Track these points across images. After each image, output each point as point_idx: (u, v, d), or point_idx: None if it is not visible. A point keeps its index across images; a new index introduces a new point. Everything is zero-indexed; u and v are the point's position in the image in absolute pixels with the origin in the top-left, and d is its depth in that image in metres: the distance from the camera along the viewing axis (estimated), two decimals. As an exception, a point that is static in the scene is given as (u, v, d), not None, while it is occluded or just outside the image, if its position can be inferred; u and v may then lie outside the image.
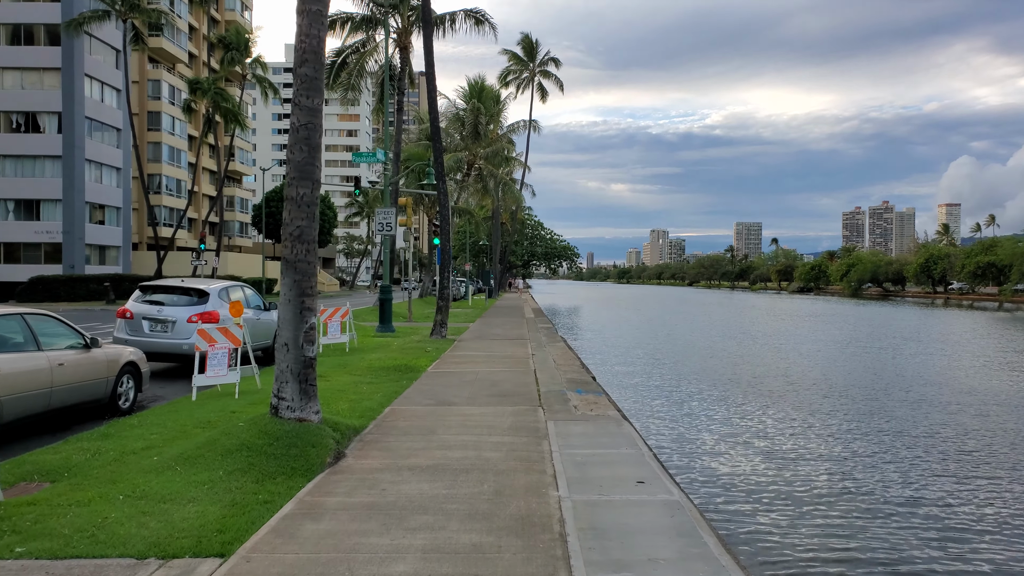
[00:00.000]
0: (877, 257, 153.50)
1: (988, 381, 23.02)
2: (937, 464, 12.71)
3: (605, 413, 10.25)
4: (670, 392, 20.21)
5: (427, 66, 22.36)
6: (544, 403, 10.93)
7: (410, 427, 9.27)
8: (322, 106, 7.84)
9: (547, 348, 19.51)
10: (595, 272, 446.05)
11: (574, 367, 15.65)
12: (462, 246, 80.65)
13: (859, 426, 15.81)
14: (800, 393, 20.02)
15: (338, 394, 11.52)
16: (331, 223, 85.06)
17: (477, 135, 50.47)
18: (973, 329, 48.41)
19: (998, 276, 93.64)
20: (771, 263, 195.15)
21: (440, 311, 21.84)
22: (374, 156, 24.36)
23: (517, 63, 69.10)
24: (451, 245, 47.37)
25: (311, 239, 7.75)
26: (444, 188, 22.27)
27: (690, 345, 35.15)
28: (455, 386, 12.57)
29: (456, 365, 15.56)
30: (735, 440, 14.34)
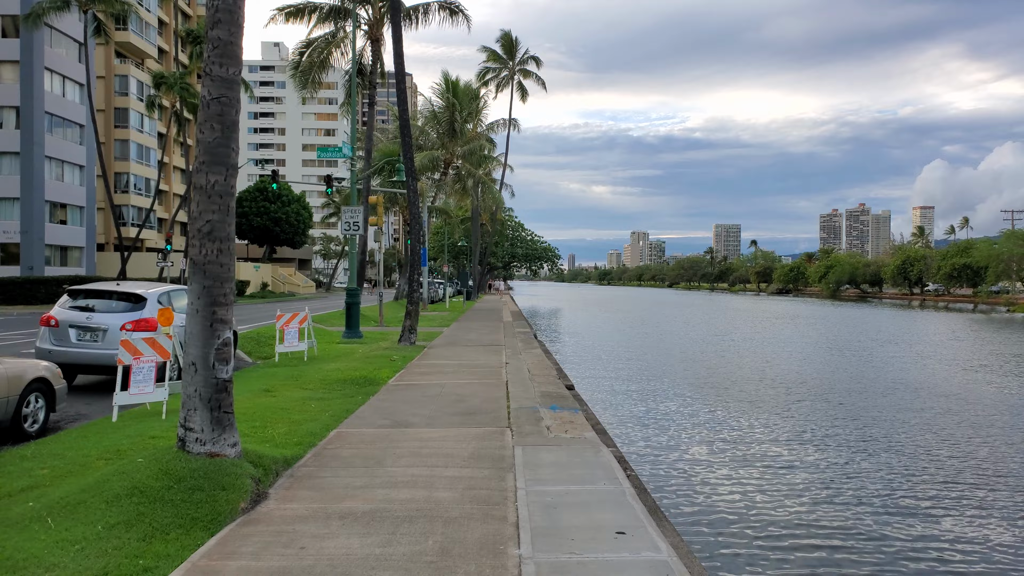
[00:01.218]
0: (855, 259, 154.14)
1: (965, 384, 22.35)
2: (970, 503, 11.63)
3: (582, 435, 8.99)
4: (652, 403, 19.02)
5: (396, 56, 21.01)
6: (513, 423, 9.65)
7: (354, 456, 7.94)
8: (239, 78, 6.52)
9: (523, 355, 18.24)
10: (576, 274, 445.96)
11: (550, 377, 14.38)
12: (441, 247, 79.20)
13: (880, 458, 14.72)
14: (795, 406, 18.95)
15: (279, 414, 10.16)
16: (307, 223, 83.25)
17: (454, 133, 49.11)
18: (952, 331, 47.93)
19: (973, 278, 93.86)
20: (750, 265, 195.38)
21: (409, 316, 20.50)
22: (339, 151, 22.99)
23: (496, 61, 67.86)
24: (427, 246, 46.12)
25: (225, 237, 6.44)
26: (414, 185, 20.94)
27: (671, 349, 34.13)
28: (416, 402, 11.25)
29: (421, 376, 14.24)
30: (725, 462, 13.17)
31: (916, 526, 9.91)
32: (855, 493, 11.28)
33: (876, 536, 9.51)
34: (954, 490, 11.60)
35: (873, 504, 10.76)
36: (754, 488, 11.47)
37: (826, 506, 10.65)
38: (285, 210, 77.62)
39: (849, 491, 11.39)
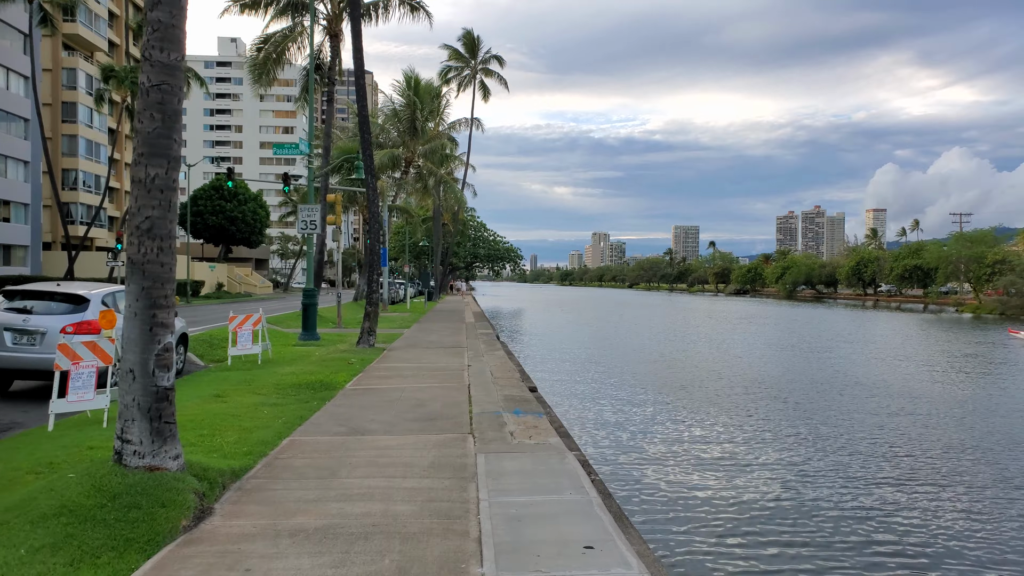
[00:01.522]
0: (811, 260, 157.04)
1: (918, 383, 22.72)
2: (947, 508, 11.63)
3: (546, 440, 8.70)
4: (617, 404, 18.85)
5: (355, 51, 20.50)
6: (476, 429, 9.32)
7: (307, 467, 7.53)
8: (182, 64, 6.08)
9: (485, 357, 17.91)
10: (538, 274, 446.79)
11: (513, 380, 14.08)
12: (402, 247, 78.40)
13: (851, 459, 14.72)
14: (754, 406, 19.00)
15: (230, 421, 9.68)
16: (264, 223, 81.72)
17: (415, 131, 48.52)
18: (904, 331, 48.97)
19: (924, 279, 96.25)
20: (708, 266, 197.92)
21: (368, 317, 20.01)
22: (296, 148, 22.37)
23: (458, 60, 67.41)
24: (387, 245, 45.48)
25: (166, 234, 5.99)
26: (373, 183, 20.46)
27: (632, 350, 34.13)
28: (374, 408, 10.85)
29: (380, 380, 13.82)
30: (688, 464, 13.02)
31: (874, 525, 9.87)
32: (815, 494, 11.22)
33: (838, 537, 9.43)
34: (909, 488, 11.67)
35: (832, 504, 10.71)
36: (717, 490, 11.33)
37: (788, 508, 10.57)
38: (241, 209, 76.07)
39: (809, 491, 11.32)
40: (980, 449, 14.50)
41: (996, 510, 10.81)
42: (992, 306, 70.60)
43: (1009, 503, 11.11)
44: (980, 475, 12.69)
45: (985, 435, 15.80)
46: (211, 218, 73.99)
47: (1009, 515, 10.57)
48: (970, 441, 15.20)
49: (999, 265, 72.22)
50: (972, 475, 12.68)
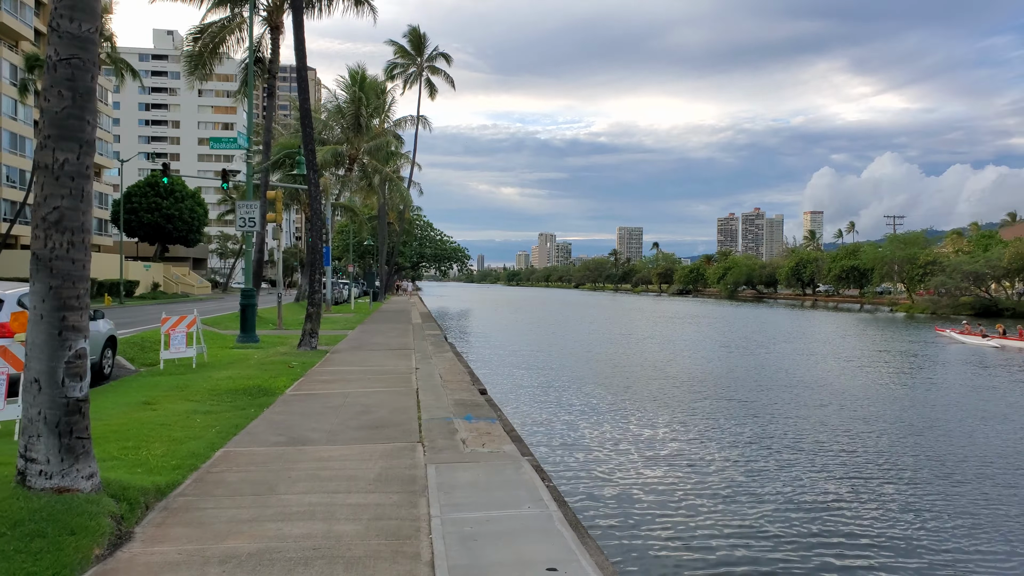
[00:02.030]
0: (751, 261, 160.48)
1: (856, 380, 23.19)
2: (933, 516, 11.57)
3: (500, 448, 8.26)
4: (568, 405, 18.52)
5: (296, 41, 19.70)
6: (426, 437, 8.82)
7: (242, 482, 6.93)
8: (96, 36, 5.43)
9: (434, 360, 17.37)
10: (485, 274, 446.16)
11: (463, 383, 13.60)
12: (346, 246, 76.99)
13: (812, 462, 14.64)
14: (699, 405, 18.96)
15: (158, 431, 8.97)
16: (202, 221, 79.16)
17: (359, 127, 47.51)
18: (842, 330, 50.20)
19: (860, 279, 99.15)
20: (652, 266, 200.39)
21: (310, 318, 19.25)
22: (234, 142, 21.44)
23: (404, 57, 66.47)
24: (330, 244, 44.40)
25: (78, 227, 5.34)
26: (316, 179, 19.71)
27: (579, 349, 33.99)
28: (316, 415, 10.24)
29: (323, 385, 13.16)
30: (640, 466, 12.74)
31: (823, 520, 9.73)
32: (764, 490, 11.07)
33: (793, 536, 9.25)
34: (853, 483, 11.68)
35: (784, 502, 10.56)
36: (669, 492, 11.06)
37: (740, 508, 10.36)
38: (179, 206, 73.54)
39: (757, 488, 11.16)
40: (920, 444, 14.72)
41: (938, 503, 10.91)
42: (924, 305, 73.06)
43: (949, 497, 11.23)
44: (921, 470, 12.84)
45: (924, 429, 16.13)
46: (146, 216, 71.31)
47: (950, 510, 10.66)
48: (909, 436, 15.45)
49: (930, 266, 74.76)
50: (913, 469, 12.87)
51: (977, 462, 13.38)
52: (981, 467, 13.04)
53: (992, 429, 16.40)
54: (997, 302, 66.58)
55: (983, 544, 9.38)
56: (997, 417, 17.83)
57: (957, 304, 66.68)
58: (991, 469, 12.95)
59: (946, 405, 19.55)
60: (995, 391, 22.24)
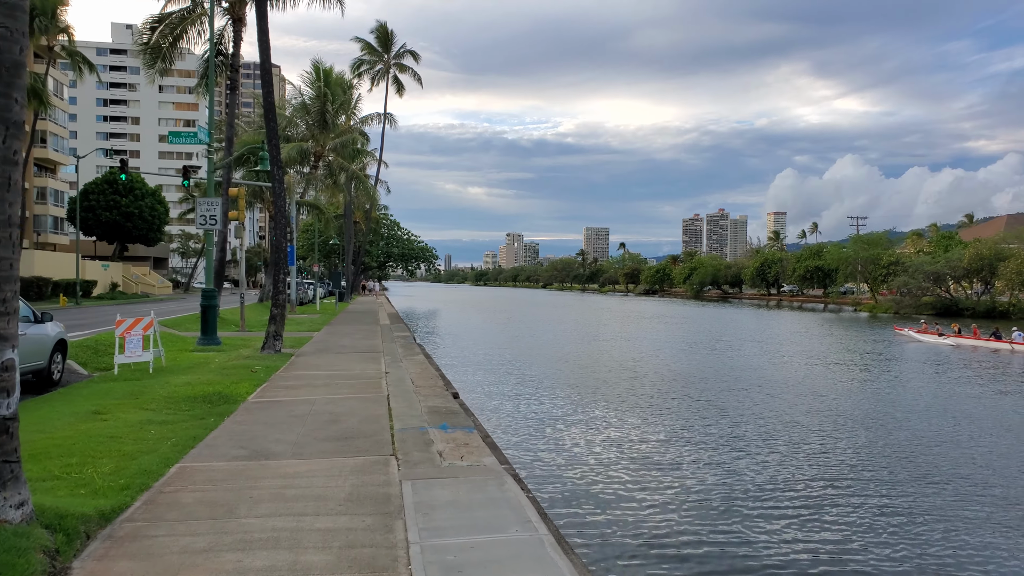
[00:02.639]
0: (717, 261, 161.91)
1: (825, 380, 23.23)
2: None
3: (480, 461, 7.72)
4: (541, 408, 18.02)
5: (260, 34, 18.92)
6: (399, 449, 8.23)
7: (198, 504, 6.29)
8: (25, 4, 4.77)
9: (404, 363, 16.75)
10: (453, 274, 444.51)
11: (436, 388, 13.02)
12: (311, 245, 75.66)
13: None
14: (672, 404, 18.68)
15: (107, 445, 8.25)
16: (163, 219, 77.22)
17: (325, 124, 46.52)
18: (808, 330, 50.61)
19: (824, 279, 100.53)
20: (619, 267, 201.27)
21: (274, 320, 18.48)
22: (194, 136, 20.56)
23: (371, 53, 65.51)
24: (295, 243, 43.39)
25: (6, 221, 4.67)
26: (280, 175, 18.94)
27: (551, 349, 33.59)
28: (280, 425, 9.59)
29: (287, 391, 12.48)
30: (617, 470, 12.29)
31: (801, 521, 9.39)
32: (746, 494, 10.70)
33: (781, 542, 8.87)
34: (820, 485, 11.47)
35: (771, 505, 10.20)
36: (648, 500, 10.62)
37: (723, 514, 9.97)
38: (138, 204, 71.60)
39: (736, 494, 10.79)
40: (888, 443, 14.81)
41: (910, 504, 10.88)
42: (887, 305, 74.13)
43: (923, 497, 11.21)
44: (891, 468, 12.90)
45: (893, 428, 16.19)
46: (104, 214, 69.28)
47: (923, 508, 10.68)
48: (877, 435, 15.58)
49: (893, 266, 75.90)
50: (883, 467, 12.96)
51: (949, 461, 13.46)
52: (954, 467, 13.04)
53: (961, 427, 16.53)
54: (957, 302, 67.78)
55: (958, 543, 9.34)
56: (963, 415, 18.03)
57: (919, 304, 67.73)
58: (965, 468, 12.99)
59: (911, 403, 19.74)
60: (956, 388, 22.68)
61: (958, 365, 29.10)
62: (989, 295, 68.95)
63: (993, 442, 15.11)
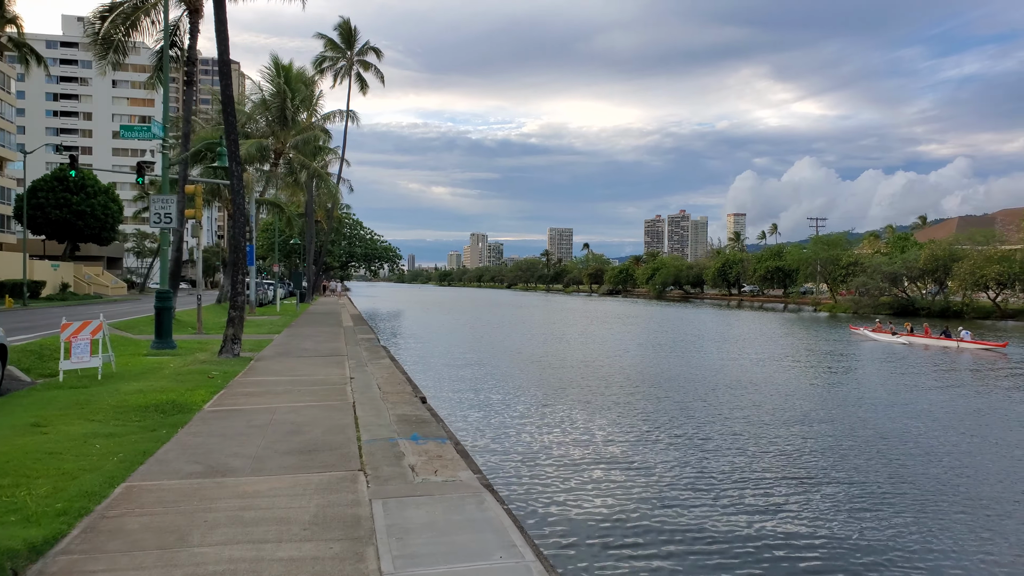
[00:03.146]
0: (679, 262, 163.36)
1: (789, 380, 23.41)
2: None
3: (456, 476, 7.20)
4: (516, 414, 17.54)
5: (218, 23, 18.09)
6: (368, 463, 7.67)
7: (146, 530, 5.66)
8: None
9: (369, 367, 16.12)
10: (417, 274, 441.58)
11: (405, 394, 12.45)
12: (271, 245, 74.10)
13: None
14: (639, 405, 18.42)
15: (46, 462, 7.54)
16: (117, 218, 74.87)
17: (285, 120, 45.42)
18: (769, 330, 51.01)
19: (784, 280, 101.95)
20: (583, 267, 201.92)
21: (232, 323, 17.69)
22: (147, 130, 19.64)
23: (334, 50, 64.27)
24: (254, 242, 42.20)
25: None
26: (238, 171, 18.15)
27: (518, 350, 33.15)
28: (239, 436, 8.94)
29: (246, 398, 11.80)
30: (591, 476, 11.87)
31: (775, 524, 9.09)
32: (723, 498, 10.38)
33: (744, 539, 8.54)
34: (789, 483, 11.36)
35: (732, 503, 9.89)
36: (626, 506, 10.22)
37: (694, 523, 9.62)
38: (90, 202, 69.28)
39: (711, 497, 10.47)
40: (852, 440, 15.11)
41: (878, 502, 10.93)
42: (847, 305, 75.27)
43: (894, 496, 11.26)
44: (858, 465, 13.09)
45: (856, 426, 16.52)
46: (54, 212, 66.87)
47: (894, 506, 10.73)
48: (840, 430, 16.03)
49: (852, 267, 77.13)
50: (851, 464, 13.13)
51: (906, 455, 13.87)
52: (924, 466, 13.15)
53: (919, 422, 16.99)
54: (914, 301, 69.11)
55: (926, 541, 9.42)
56: (922, 413, 18.50)
57: (878, 304, 68.90)
58: (930, 466, 13.17)
59: (871, 400, 20.27)
60: (910, 384, 23.47)
61: (912, 362, 30.03)
62: (943, 295, 70.46)
63: (948, 436, 15.68)
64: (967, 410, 19.01)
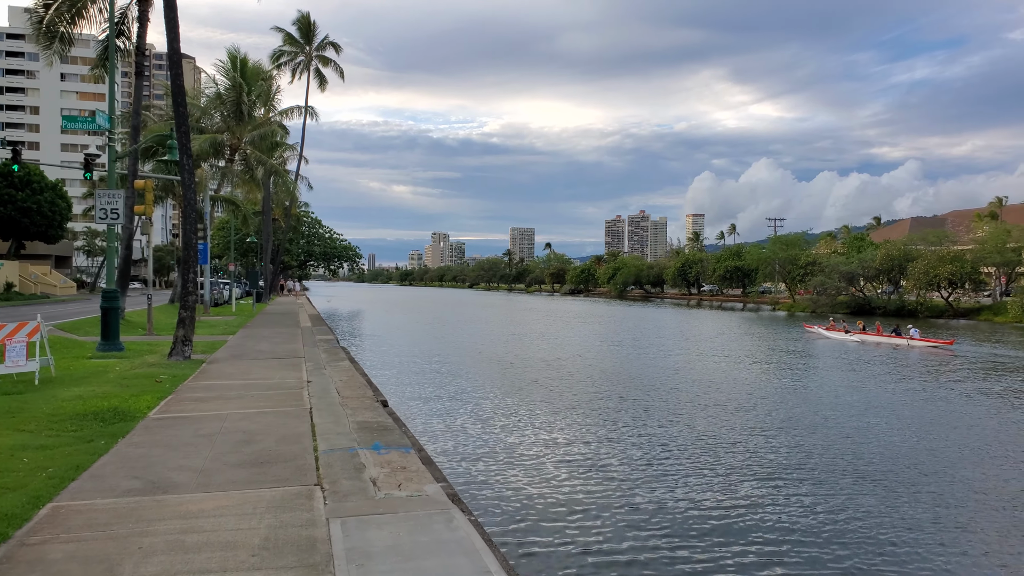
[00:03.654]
0: (639, 262, 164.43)
1: (752, 378, 23.37)
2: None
3: (422, 490, 6.64)
4: (481, 418, 16.99)
5: (167, 9, 17.22)
6: (325, 477, 7.07)
7: (70, 560, 5.01)
8: None
9: (328, 370, 15.43)
10: (377, 274, 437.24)
11: (365, 399, 11.82)
12: (227, 243, 72.35)
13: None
14: (601, 404, 18.14)
15: (-37, 480, 6.79)
16: (65, 215, 72.28)
17: (241, 115, 44.15)
18: (728, 329, 51.34)
19: (743, 279, 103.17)
20: (545, 267, 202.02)
21: (183, 324, 16.82)
22: (91, 121, 18.63)
23: (292, 44, 63.00)
24: (208, 240, 40.91)
25: None
26: (189, 164, 17.29)
27: (482, 350, 32.62)
28: (184, 447, 8.26)
29: (196, 404, 11.06)
30: (580, 495, 11.40)
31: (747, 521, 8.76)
32: (687, 502, 10.01)
33: None
34: (750, 482, 10.98)
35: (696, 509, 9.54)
36: (598, 515, 9.79)
37: (655, 521, 9.23)
38: (36, 199, 66.74)
39: (673, 499, 10.10)
40: (811, 436, 15.21)
41: (837, 500, 10.93)
42: (805, 304, 76.28)
43: (856, 494, 11.19)
44: (817, 461, 13.19)
45: (817, 424, 16.63)
46: (-3, 208, 64.29)
47: (858, 505, 10.68)
48: (801, 429, 16.00)
49: (811, 267, 78.22)
50: (809, 461, 13.12)
51: (862, 449, 14.16)
52: (887, 463, 13.29)
53: (883, 421, 17.09)
54: (871, 300, 70.30)
55: (889, 540, 9.37)
56: (880, 408, 18.84)
57: (835, 303, 69.92)
58: (875, 455, 13.58)
59: (827, 397, 20.69)
60: (866, 380, 24.14)
61: (866, 359, 30.84)
62: (898, 294, 71.84)
63: (903, 431, 16.03)
64: (917, 402, 19.63)
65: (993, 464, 13.22)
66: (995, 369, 27.48)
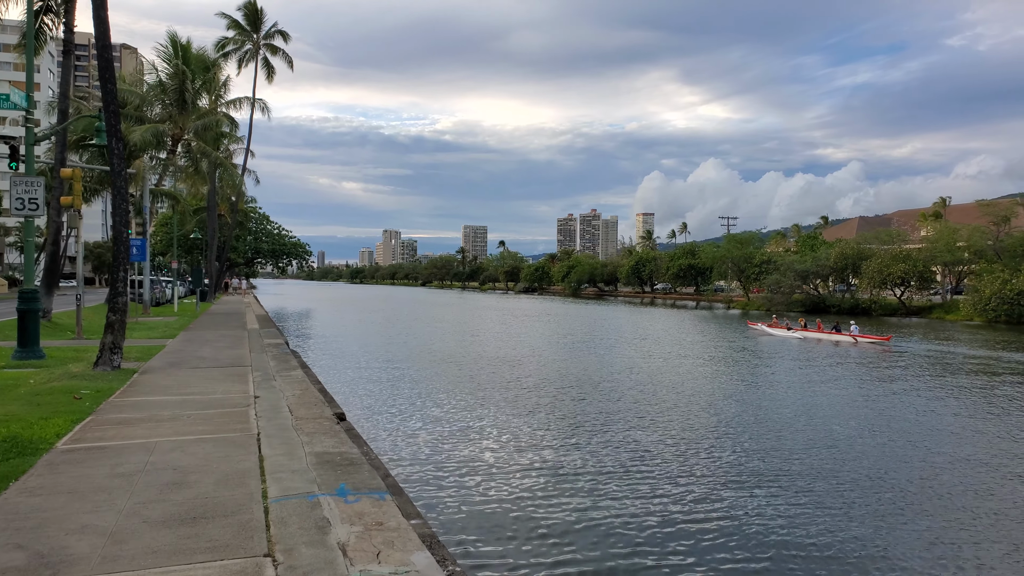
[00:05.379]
0: (593, 260, 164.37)
1: (708, 377, 22.36)
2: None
3: (408, 562, 5.06)
4: (458, 438, 15.39)
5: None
6: (277, 541, 5.41)
7: None
8: None
9: (278, 382, 13.64)
10: (327, 271, 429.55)
11: (323, 419, 10.13)
12: (170, 240, 68.98)
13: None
14: (560, 405, 16.86)
15: None
16: (-8, 209, 68.03)
17: (184, 104, 41.53)
18: (683, 327, 50.78)
19: (697, 277, 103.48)
20: (499, 265, 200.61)
21: (111, 328, 14.81)
22: (6, 99, 16.44)
23: (239, 32, 60.14)
24: (147, 236, 38.22)
25: None
26: (119, 149, 15.27)
27: (438, 351, 31.01)
28: (95, 494, 6.49)
29: (118, 429, 9.23)
30: (536, 499, 9.94)
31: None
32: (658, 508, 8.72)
33: None
34: (711, 481, 9.91)
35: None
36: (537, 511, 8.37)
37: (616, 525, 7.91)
38: (-40, 191, 62.54)
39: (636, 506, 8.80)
40: (777, 438, 15.08)
41: (800, 500, 10.92)
42: (760, 303, 76.45)
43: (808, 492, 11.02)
44: (767, 457, 13.23)
45: (761, 416, 16.96)
46: (-85, 201, 59.95)
47: (830, 505, 10.63)
48: (749, 423, 16.43)
49: (765, 265, 78.43)
50: (760, 457, 12.52)
51: (814, 445, 14.39)
52: (817, 452, 13.64)
53: (824, 411, 17.72)
54: (824, 299, 70.75)
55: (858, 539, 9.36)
56: (822, 399, 19.63)
57: (790, 301, 70.12)
58: (824, 451, 13.76)
59: (774, 392, 21.17)
60: (806, 376, 25.05)
61: (807, 356, 31.74)
62: (851, 293, 72.44)
63: (844, 421, 16.78)
64: (857, 395, 20.63)
65: (918, 455, 13.80)
66: (929, 363, 28.74)
